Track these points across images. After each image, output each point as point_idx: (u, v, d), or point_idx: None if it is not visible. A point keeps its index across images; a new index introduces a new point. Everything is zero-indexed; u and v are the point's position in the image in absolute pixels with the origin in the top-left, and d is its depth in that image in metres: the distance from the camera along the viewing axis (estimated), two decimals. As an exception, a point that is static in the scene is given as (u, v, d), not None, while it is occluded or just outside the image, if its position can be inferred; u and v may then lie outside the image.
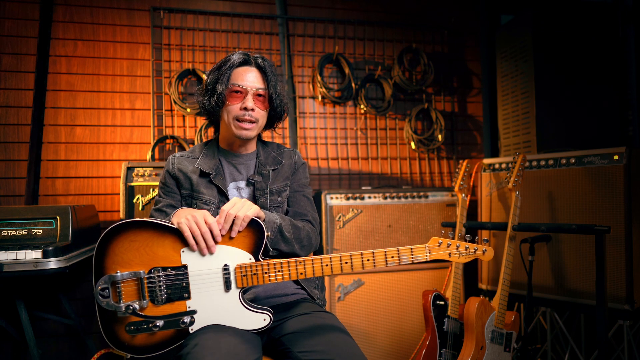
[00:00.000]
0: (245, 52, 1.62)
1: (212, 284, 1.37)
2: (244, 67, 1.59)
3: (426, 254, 1.42)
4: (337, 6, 3.09)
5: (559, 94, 2.71)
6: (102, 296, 1.32)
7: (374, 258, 1.40)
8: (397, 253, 1.41)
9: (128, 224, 1.35)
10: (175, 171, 1.64)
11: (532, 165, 2.48)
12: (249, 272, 1.38)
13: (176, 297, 1.35)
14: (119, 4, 2.78)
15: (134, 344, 1.35)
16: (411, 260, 1.41)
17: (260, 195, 1.62)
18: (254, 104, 1.57)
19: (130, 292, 1.33)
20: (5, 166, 2.59)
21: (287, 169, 1.71)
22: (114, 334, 1.35)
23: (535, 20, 2.69)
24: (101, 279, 1.32)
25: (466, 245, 1.45)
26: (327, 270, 1.39)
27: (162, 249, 1.36)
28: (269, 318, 1.39)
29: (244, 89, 1.57)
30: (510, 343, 2.22)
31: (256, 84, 1.59)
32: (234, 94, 1.57)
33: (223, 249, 1.39)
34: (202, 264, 1.37)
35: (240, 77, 1.57)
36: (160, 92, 2.80)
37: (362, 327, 2.60)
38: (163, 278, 1.35)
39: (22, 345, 2.53)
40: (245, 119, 1.58)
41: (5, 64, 2.61)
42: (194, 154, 1.68)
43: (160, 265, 1.35)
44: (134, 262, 1.35)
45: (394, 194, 2.69)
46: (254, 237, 1.40)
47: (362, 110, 3.07)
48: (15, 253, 1.86)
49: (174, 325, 1.34)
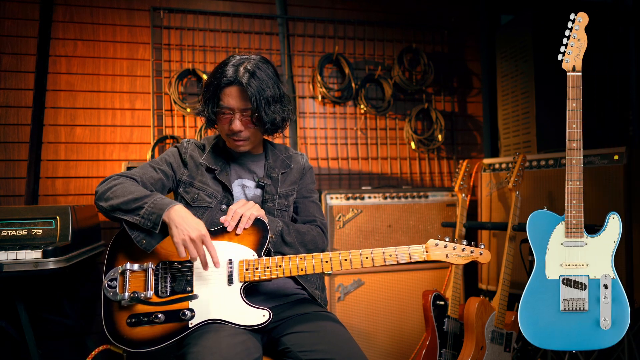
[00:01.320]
0: (237, 66, 1.48)
1: (216, 277, 1.42)
2: (231, 87, 1.48)
3: (423, 254, 1.47)
4: (337, 6, 3.09)
5: (559, 94, 2.70)
6: (110, 287, 1.39)
7: (372, 256, 1.45)
8: (395, 253, 1.45)
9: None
10: (186, 156, 1.61)
11: (532, 165, 2.48)
12: (251, 267, 1.42)
13: (179, 291, 1.41)
14: (119, 4, 2.78)
15: (133, 337, 1.37)
16: (409, 260, 1.46)
17: (268, 199, 1.62)
18: (240, 125, 1.50)
19: (136, 283, 1.40)
20: (5, 166, 2.59)
21: (296, 173, 1.70)
22: (115, 328, 1.37)
23: (535, 20, 2.69)
24: (111, 270, 1.41)
25: (463, 247, 1.48)
26: (327, 266, 1.44)
27: (171, 244, 1.39)
28: (268, 314, 1.41)
29: (230, 109, 1.49)
30: (510, 343, 2.22)
31: (242, 104, 1.48)
32: (222, 116, 1.52)
33: (228, 245, 1.45)
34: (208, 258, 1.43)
35: (226, 98, 1.49)
36: (160, 92, 2.80)
37: (362, 327, 2.60)
38: (169, 271, 1.42)
39: (22, 346, 2.52)
40: (235, 138, 1.53)
41: (5, 64, 2.60)
42: (204, 146, 1.66)
43: (169, 260, 1.43)
44: (144, 255, 1.43)
45: (394, 194, 2.69)
46: (258, 235, 1.46)
47: (362, 110, 3.07)
48: (15, 253, 1.86)
49: (174, 318, 1.38)
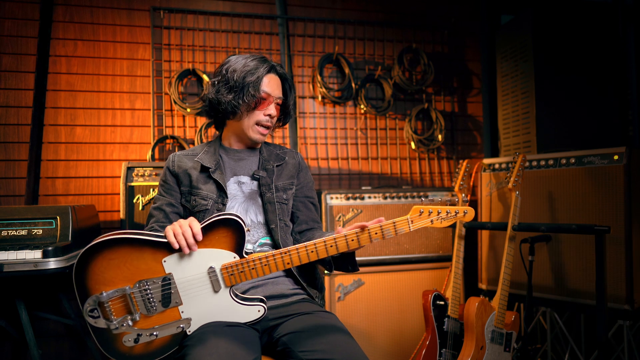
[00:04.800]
0: (266, 60, 1.65)
1: (201, 287, 1.37)
2: (271, 74, 1.64)
3: (409, 224, 1.40)
4: (337, 6, 3.09)
5: (559, 94, 2.71)
6: (92, 317, 1.32)
7: (357, 238, 1.40)
8: (380, 229, 1.39)
9: (101, 243, 1.34)
10: (175, 168, 1.65)
11: (532, 165, 2.48)
12: (235, 270, 1.38)
13: (167, 305, 1.35)
14: (119, 4, 2.78)
15: (134, 354, 1.35)
16: (395, 234, 1.40)
17: (265, 190, 1.63)
18: (275, 111, 1.66)
19: (119, 309, 1.33)
20: (5, 166, 2.59)
21: (292, 168, 1.73)
22: (113, 348, 1.35)
23: (535, 20, 2.69)
24: (87, 301, 1.32)
25: (447, 209, 1.43)
26: (313, 256, 1.40)
27: (143, 262, 1.35)
28: (262, 309, 1.40)
29: (271, 96, 1.63)
30: (510, 343, 2.22)
31: (278, 93, 1.65)
32: (263, 100, 1.61)
33: (206, 252, 1.38)
34: (187, 270, 1.37)
35: (268, 85, 1.61)
36: (160, 92, 2.80)
37: (362, 327, 2.60)
38: (150, 290, 1.34)
39: (22, 345, 2.53)
40: (267, 124, 1.65)
41: (5, 64, 2.61)
42: (194, 151, 1.70)
43: (144, 278, 1.35)
44: (116, 279, 1.33)
45: (394, 194, 2.69)
46: (234, 235, 1.39)
47: (362, 110, 3.07)
48: (15, 253, 1.86)
49: (171, 331, 1.35)
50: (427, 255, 2.72)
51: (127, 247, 1.35)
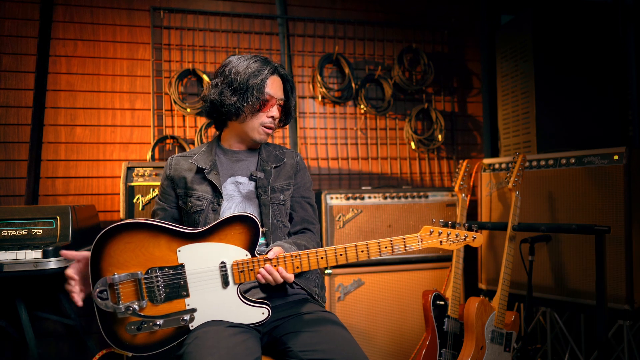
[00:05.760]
0: (269, 61, 1.65)
1: (210, 281, 1.39)
2: (275, 76, 1.64)
3: (418, 243, 1.44)
4: (337, 6, 3.09)
5: (559, 94, 2.71)
6: (101, 298, 1.33)
7: (367, 249, 1.42)
8: (390, 243, 1.42)
9: (121, 226, 1.36)
10: (171, 172, 1.67)
11: (532, 165, 2.48)
12: (245, 267, 1.40)
13: (175, 296, 1.37)
14: (119, 4, 2.78)
15: (135, 343, 1.36)
16: (404, 250, 1.43)
17: (262, 192, 1.63)
18: (278, 112, 1.66)
19: (128, 293, 1.34)
20: (5, 166, 2.59)
21: (290, 169, 1.72)
22: (115, 334, 1.35)
23: (535, 20, 2.69)
24: (98, 282, 1.33)
25: (457, 232, 1.47)
26: (323, 262, 1.42)
27: (158, 249, 1.37)
28: (267, 312, 1.41)
29: (274, 98, 1.63)
30: (510, 343, 2.22)
31: (280, 94, 1.66)
32: (266, 102, 1.62)
33: (219, 247, 1.40)
34: (199, 262, 1.39)
35: (271, 87, 1.62)
36: (160, 92, 2.80)
37: (362, 327, 2.60)
38: (161, 278, 1.36)
39: (22, 345, 2.53)
40: (270, 126, 1.65)
41: (5, 64, 2.61)
42: (192, 153, 1.71)
43: (157, 266, 1.37)
44: (130, 263, 1.35)
45: (394, 194, 2.69)
46: (249, 233, 1.41)
47: (362, 110, 3.07)
48: (15, 253, 1.86)
49: (174, 323, 1.36)
50: (427, 255, 2.72)
51: (145, 232, 1.37)
